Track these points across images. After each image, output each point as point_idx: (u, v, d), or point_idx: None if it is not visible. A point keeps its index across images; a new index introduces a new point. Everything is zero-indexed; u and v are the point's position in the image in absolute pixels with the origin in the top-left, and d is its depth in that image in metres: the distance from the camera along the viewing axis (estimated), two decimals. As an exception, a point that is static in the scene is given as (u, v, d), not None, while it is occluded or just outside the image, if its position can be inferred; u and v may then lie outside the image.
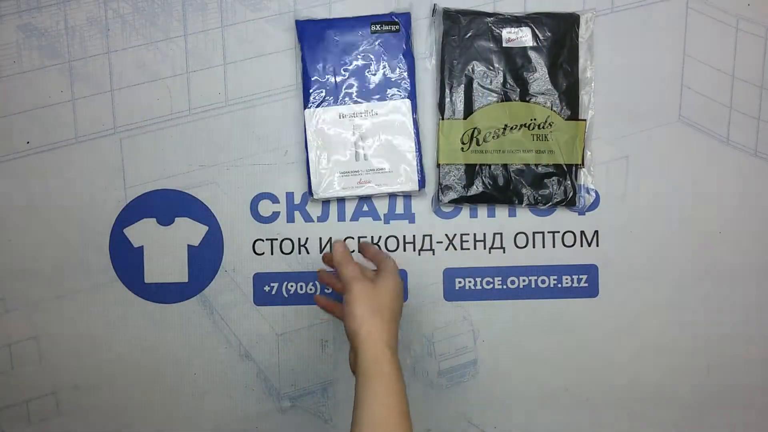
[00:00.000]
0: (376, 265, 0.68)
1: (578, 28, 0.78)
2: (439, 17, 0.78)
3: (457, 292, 0.80)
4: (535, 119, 0.78)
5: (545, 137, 0.78)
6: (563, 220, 0.80)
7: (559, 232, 0.80)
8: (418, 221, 0.80)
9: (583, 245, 0.80)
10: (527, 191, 0.78)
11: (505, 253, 0.80)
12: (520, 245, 0.80)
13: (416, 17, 0.79)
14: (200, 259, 0.80)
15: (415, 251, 0.80)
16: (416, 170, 0.77)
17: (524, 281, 0.80)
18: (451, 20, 0.78)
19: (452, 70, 0.78)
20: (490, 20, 0.78)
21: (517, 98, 0.78)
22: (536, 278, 0.80)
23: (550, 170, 0.78)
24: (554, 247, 0.80)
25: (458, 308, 0.80)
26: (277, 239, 0.80)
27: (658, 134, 0.80)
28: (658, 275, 0.80)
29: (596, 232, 0.80)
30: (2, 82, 0.79)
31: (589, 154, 0.79)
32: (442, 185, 0.78)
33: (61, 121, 0.79)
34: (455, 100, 0.78)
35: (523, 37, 0.78)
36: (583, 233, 0.80)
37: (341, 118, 0.77)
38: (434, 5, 0.79)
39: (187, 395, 0.81)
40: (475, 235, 0.80)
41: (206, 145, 0.80)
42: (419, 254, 0.80)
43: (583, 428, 0.82)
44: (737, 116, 0.80)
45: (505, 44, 0.78)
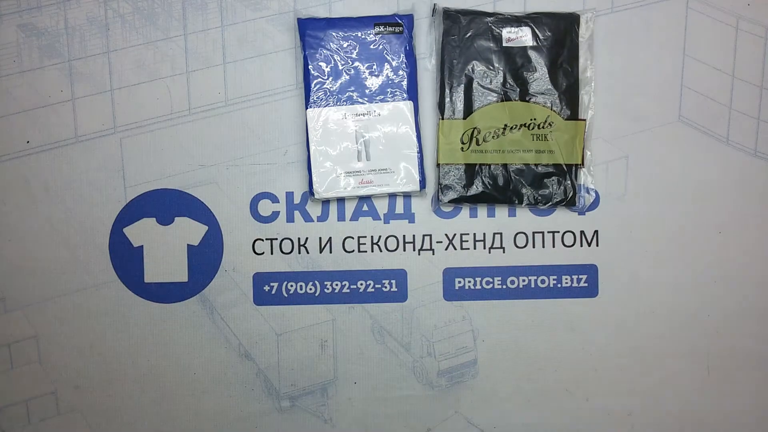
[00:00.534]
0: None
1: (578, 27, 0.78)
2: (438, 17, 0.78)
3: (456, 291, 0.80)
4: (534, 119, 0.78)
5: (545, 137, 0.78)
6: (563, 220, 0.80)
7: (558, 232, 0.80)
8: (417, 221, 0.80)
9: (583, 245, 0.80)
10: (527, 191, 0.78)
11: (504, 252, 0.80)
12: (519, 245, 0.80)
13: (416, 17, 0.79)
14: (200, 258, 0.80)
15: (414, 251, 0.80)
16: (418, 171, 0.77)
17: (524, 281, 0.80)
18: (451, 20, 0.78)
19: (452, 69, 0.78)
20: (490, 20, 0.78)
21: (517, 98, 0.78)
22: (536, 278, 0.80)
23: (549, 170, 0.78)
24: (554, 247, 0.80)
25: (458, 308, 0.80)
26: (276, 239, 0.80)
27: (658, 134, 0.80)
28: (658, 275, 0.80)
29: (596, 232, 0.80)
30: (2, 81, 0.79)
31: (589, 153, 0.79)
32: (441, 185, 0.78)
33: (60, 120, 0.79)
34: (455, 99, 0.78)
35: (523, 36, 0.78)
36: (583, 233, 0.80)
37: (343, 118, 0.77)
38: (434, 5, 0.79)
39: (186, 395, 0.81)
40: (474, 234, 0.80)
41: (206, 144, 0.80)
42: (419, 254, 0.80)
43: (582, 428, 0.81)
44: (737, 116, 0.80)
45: (505, 44, 0.78)
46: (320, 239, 0.80)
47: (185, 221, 0.80)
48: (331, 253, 0.80)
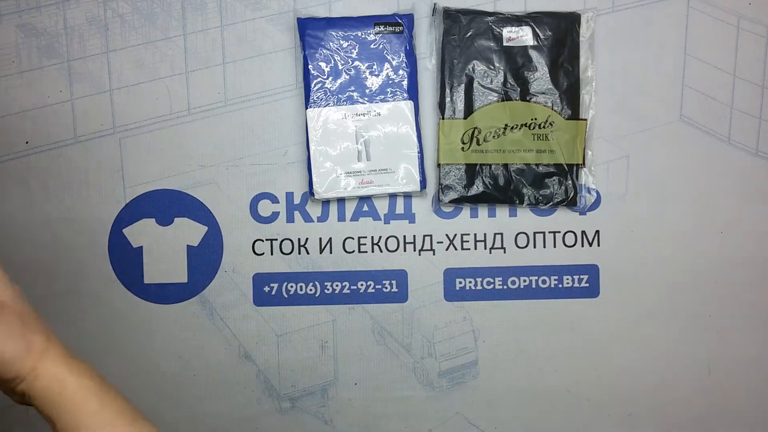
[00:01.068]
0: None
1: (579, 27, 0.78)
2: (439, 16, 0.78)
3: (457, 292, 0.80)
4: (535, 119, 0.78)
5: (546, 137, 0.78)
6: (564, 220, 0.80)
7: (559, 232, 0.80)
8: (418, 221, 0.80)
9: (583, 245, 0.80)
10: (528, 191, 0.78)
11: (505, 253, 0.80)
12: (520, 245, 0.80)
13: (416, 16, 0.78)
14: (200, 259, 0.80)
15: (415, 251, 0.80)
16: (418, 171, 0.77)
17: (525, 281, 0.80)
18: (451, 20, 0.78)
19: (452, 69, 0.78)
20: (490, 19, 0.78)
21: (517, 98, 0.78)
22: (537, 278, 0.80)
23: (550, 170, 0.78)
24: (555, 247, 0.80)
25: (459, 308, 0.80)
26: (276, 239, 0.80)
27: (659, 134, 0.80)
28: (658, 275, 0.80)
29: (597, 232, 0.80)
30: (1, 81, 0.79)
31: (589, 153, 0.79)
32: (442, 185, 0.78)
33: (60, 121, 0.79)
34: (455, 99, 0.78)
35: (523, 36, 0.78)
36: (584, 233, 0.80)
37: (343, 118, 0.77)
38: (434, 4, 0.78)
39: (186, 396, 0.81)
40: (475, 235, 0.80)
41: (206, 145, 0.79)
42: (420, 254, 0.80)
43: (583, 428, 0.81)
44: (738, 116, 0.79)
45: (505, 43, 0.78)
46: (320, 240, 0.80)
47: (185, 222, 0.80)
48: (331, 253, 0.80)
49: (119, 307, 0.80)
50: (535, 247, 0.80)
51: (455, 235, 0.80)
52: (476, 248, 0.80)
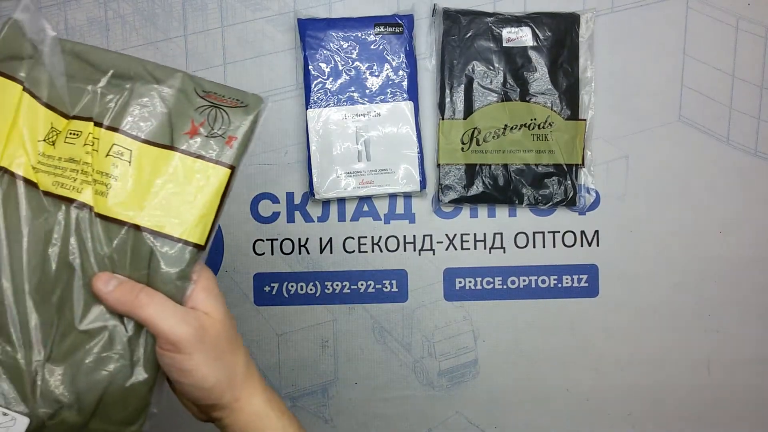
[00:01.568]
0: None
1: (578, 27, 0.78)
2: (439, 17, 0.78)
3: (457, 292, 0.80)
4: (535, 119, 0.78)
5: (545, 137, 0.78)
6: (563, 220, 0.80)
7: (559, 232, 0.80)
8: (418, 221, 0.80)
9: (583, 245, 0.80)
10: (527, 191, 0.78)
11: (505, 253, 0.80)
12: (520, 245, 0.80)
13: (416, 17, 0.79)
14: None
15: (415, 251, 0.80)
16: (418, 171, 0.77)
17: (524, 281, 0.80)
18: (451, 20, 0.78)
19: (452, 70, 0.78)
20: (490, 20, 0.78)
21: (517, 98, 0.78)
22: (536, 278, 0.80)
23: (550, 170, 0.78)
24: (554, 247, 0.80)
25: (459, 308, 0.80)
26: (277, 239, 0.80)
27: (658, 134, 0.80)
28: (658, 275, 0.80)
29: (596, 232, 0.80)
30: (2, 82, 0.79)
31: (589, 153, 0.79)
32: (442, 185, 0.78)
33: (61, 121, 0.79)
34: (455, 100, 0.78)
35: (523, 36, 0.78)
36: (583, 233, 0.80)
37: (343, 118, 0.77)
38: (434, 5, 0.78)
39: (187, 395, 0.81)
40: (475, 235, 0.80)
41: (206, 145, 0.79)
42: (419, 254, 0.80)
43: (583, 428, 0.82)
44: (737, 116, 0.80)
45: (505, 44, 0.78)
46: (321, 240, 0.80)
47: (186, 222, 0.80)
48: (331, 253, 0.80)
49: (120, 306, 0.80)
50: (534, 247, 0.80)
51: (455, 235, 0.80)
52: (476, 248, 0.80)
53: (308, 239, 0.80)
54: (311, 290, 0.80)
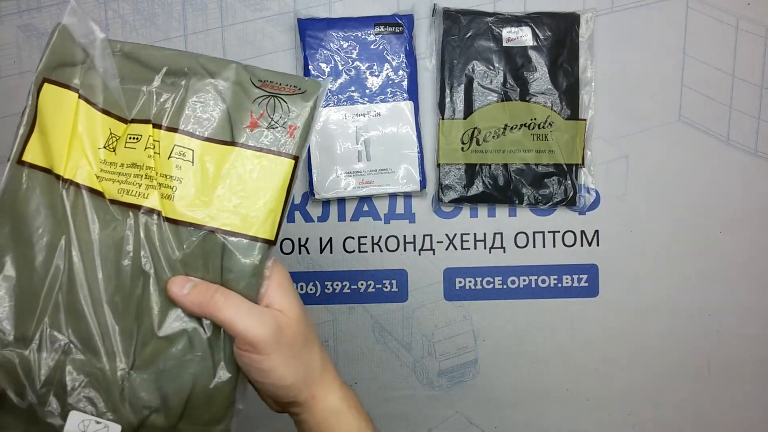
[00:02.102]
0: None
1: (578, 27, 0.78)
2: (439, 17, 0.78)
3: (457, 291, 0.80)
4: (535, 119, 0.78)
5: (545, 137, 0.78)
6: (563, 219, 0.80)
7: (559, 231, 0.80)
8: (418, 221, 0.80)
9: (583, 245, 0.80)
10: (527, 191, 0.78)
11: (505, 252, 0.80)
12: (520, 245, 0.80)
13: (416, 17, 0.79)
14: (200, 259, 0.80)
15: (415, 251, 0.80)
16: (418, 171, 0.77)
17: (524, 281, 0.80)
18: (451, 20, 0.78)
19: (452, 69, 0.78)
20: (490, 20, 0.78)
21: (517, 98, 0.78)
22: (536, 278, 0.80)
23: (550, 170, 0.78)
24: (554, 246, 0.80)
25: (459, 308, 0.80)
26: (277, 239, 0.80)
27: (658, 134, 0.80)
28: (658, 275, 0.80)
29: (596, 231, 0.80)
30: (2, 82, 0.79)
31: (589, 153, 0.79)
32: (442, 185, 0.78)
33: (61, 121, 0.79)
34: (455, 99, 0.78)
35: (523, 36, 0.78)
36: (583, 233, 0.80)
37: (344, 118, 0.77)
38: (434, 5, 0.79)
39: (187, 395, 0.81)
40: (475, 234, 0.80)
41: (206, 145, 0.79)
42: (419, 254, 0.80)
43: (583, 428, 0.82)
44: (737, 116, 0.80)
45: (505, 44, 0.78)
46: (321, 239, 0.80)
47: (185, 221, 0.80)
48: (331, 253, 0.80)
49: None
50: (534, 246, 0.80)
51: (455, 234, 0.80)
52: (476, 248, 0.80)
53: (308, 239, 0.80)
54: (311, 290, 0.80)
